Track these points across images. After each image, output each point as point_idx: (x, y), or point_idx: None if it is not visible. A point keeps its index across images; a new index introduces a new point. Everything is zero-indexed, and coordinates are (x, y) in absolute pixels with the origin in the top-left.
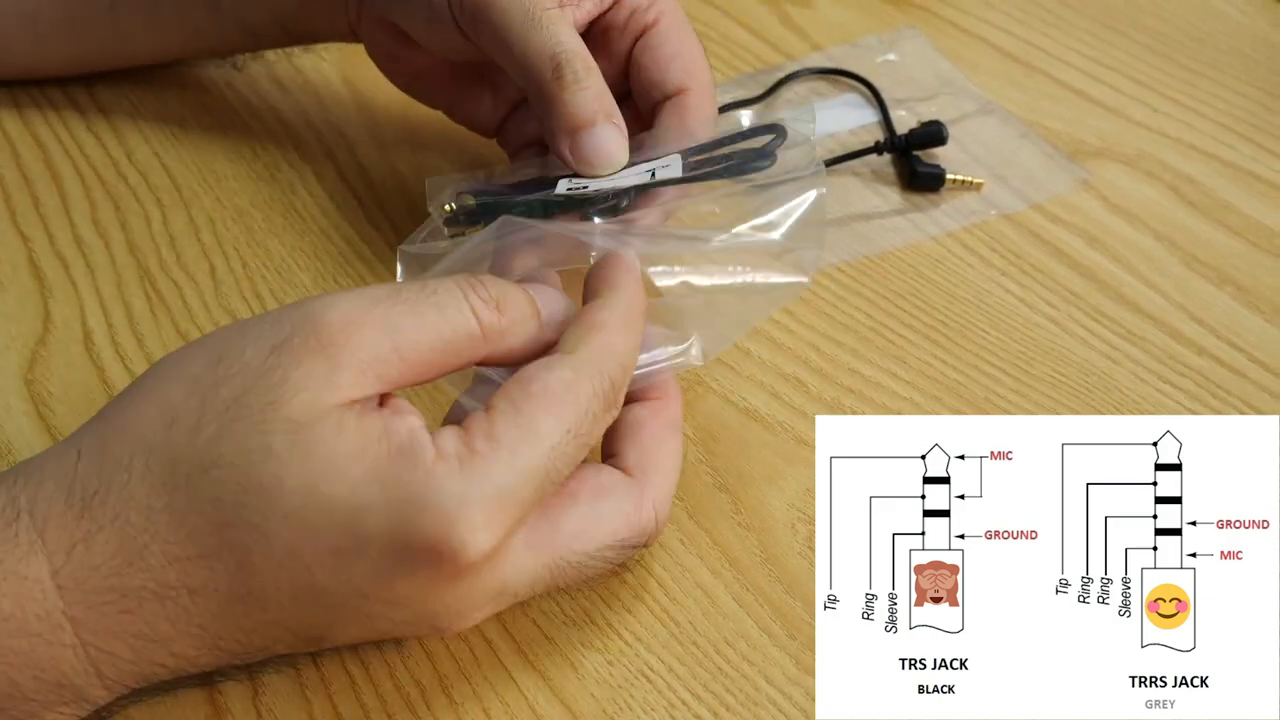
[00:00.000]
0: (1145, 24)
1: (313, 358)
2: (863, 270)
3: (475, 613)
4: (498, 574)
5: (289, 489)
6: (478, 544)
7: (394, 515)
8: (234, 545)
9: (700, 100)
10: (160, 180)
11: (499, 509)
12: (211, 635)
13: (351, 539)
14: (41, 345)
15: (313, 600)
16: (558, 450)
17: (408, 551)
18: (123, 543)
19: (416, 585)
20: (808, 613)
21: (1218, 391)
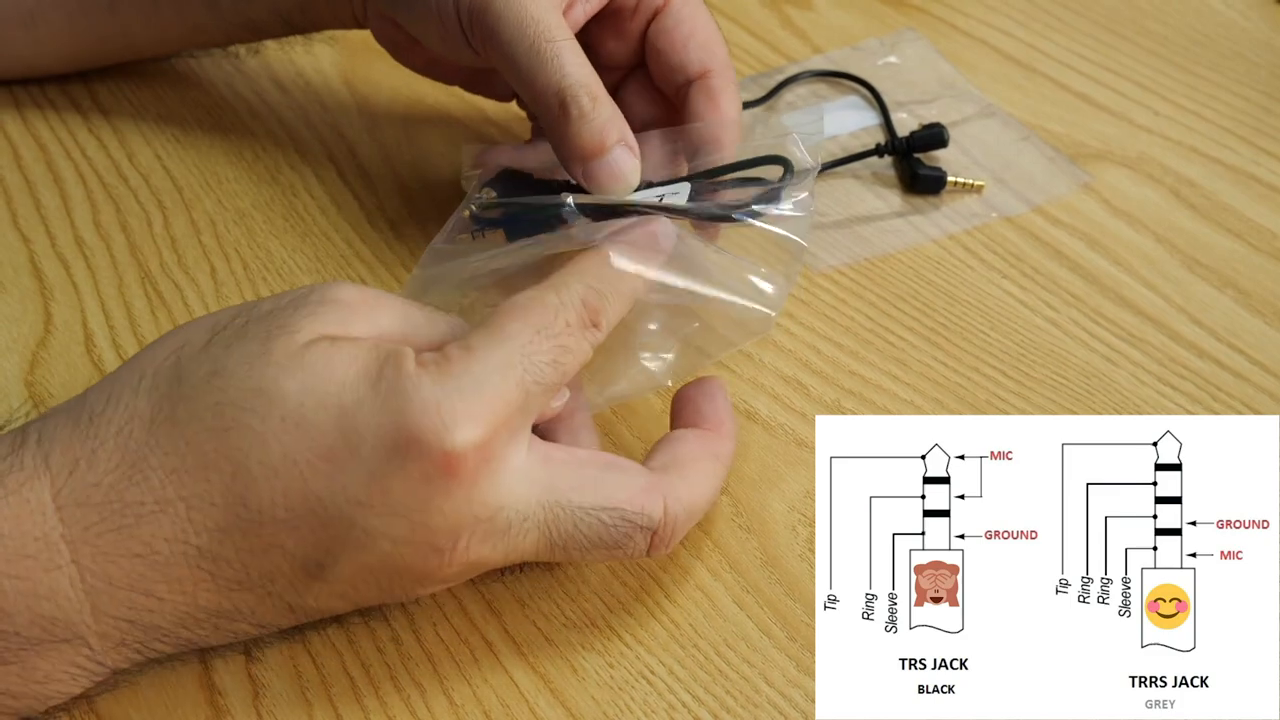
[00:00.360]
0: (1147, 27)
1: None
2: (863, 273)
3: (470, 536)
4: (491, 490)
5: (287, 391)
6: (463, 435)
7: (382, 410)
8: (231, 452)
9: (724, 82)
10: (161, 182)
11: (478, 402)
12: (209, 560)
13: (344, 438)
14: (43, 347)
15: (309, 513)
16: (530, 347)
17: (397, 446)
18: (124, 455)
19: (409, 486)
20: (808, 615)
21: (1218, 394)
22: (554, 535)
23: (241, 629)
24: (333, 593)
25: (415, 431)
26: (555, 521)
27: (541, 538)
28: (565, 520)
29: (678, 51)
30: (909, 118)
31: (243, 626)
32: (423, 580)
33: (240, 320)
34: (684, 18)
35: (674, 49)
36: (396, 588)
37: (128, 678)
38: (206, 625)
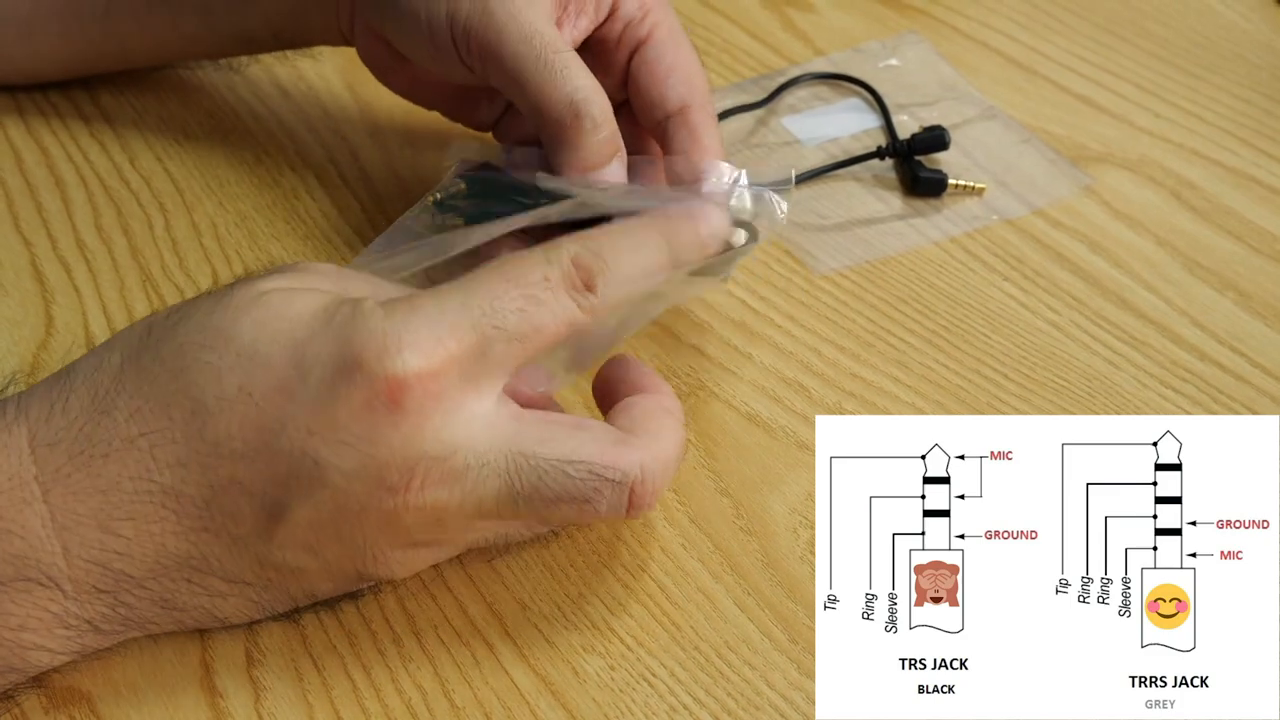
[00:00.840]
0: (1148, 29)
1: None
2: (865, 275)
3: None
4: (445, 427)
5: (243, 327)
6: (406, 361)
7: (331, 339)
8: (190, 388)
9: (703, 116)
10: (163, 185)
11: (428, 334)
12: (172, 497)
13: (295, 368)
14: (44, 350)
15: (263, 445)
16: (496, 291)
17: (340, 370)
18: (92, 399)
19: (354, 412)
20: (809, 617)
21: (1219, 396)
22: (517, 485)
23: (214, 585)
24: (296, 541)
25: (358, 356)
26: (519, 471)
27: (503, 486)
28: (529, 471)
29: (658, 85)
30: (910, 120)
31: (214, 582)
32: (385, 529)
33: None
34: (665, 51)
35: (655, 83)
36: (359, 538)
37: (126, 677)
38: (177, 577)
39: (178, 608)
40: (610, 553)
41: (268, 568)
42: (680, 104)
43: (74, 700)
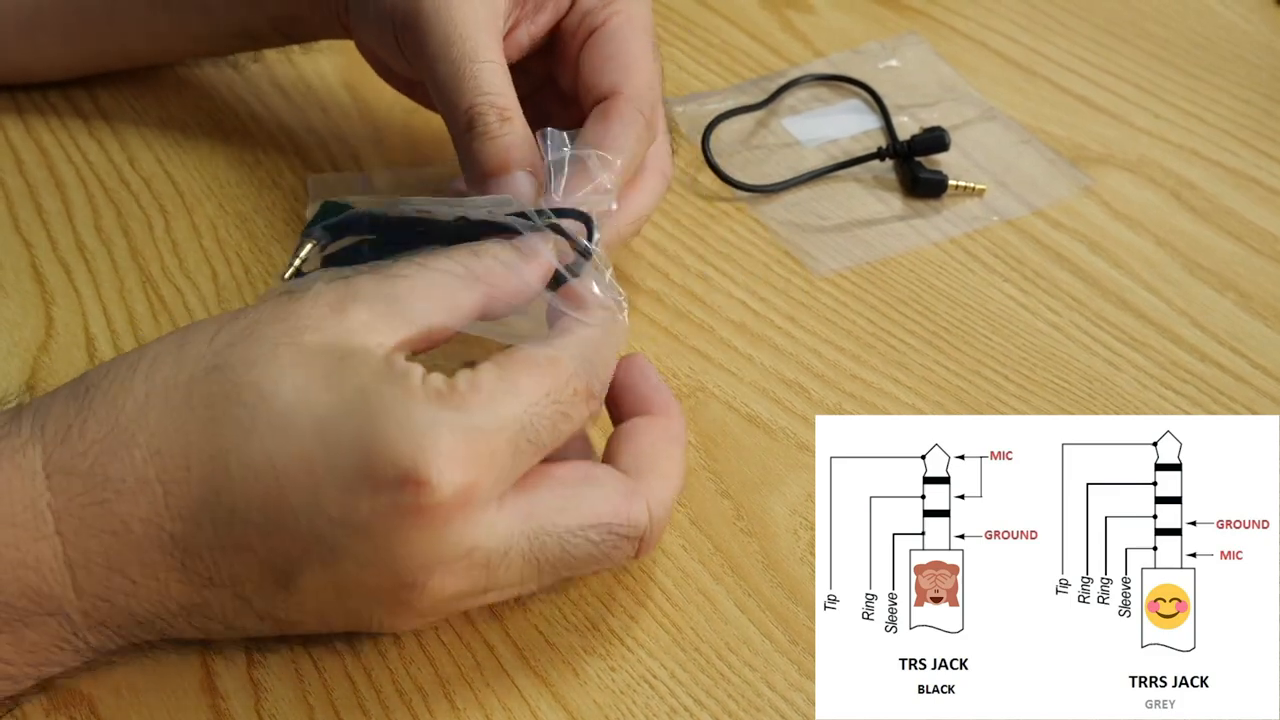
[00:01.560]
0: (1148, 30)
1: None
2: (865, 276)
3: (444, 574)
4: (468, 530)
5: (282, 390)
6: (441, 474)
7: (367, 428)
8: (215, 445)
9: (626, 107)
10: (163, 186)
11: (468, 445)
12: (180, 549)
13: (324, 448)
14: (44, 351)
15: (279, 521)
16: (536, 409)
17: (373, 469)
18: (113, 427)
19: (378, 511)
20: (809, 618)
21: (1219, 397)
22: (541, 561)
23: (215, 628)
24: (301, 607)
25: (393, 457)
26: (541, 549)
27: (528, 566)
28: (551, 545)
29: (593, 69)
30: (910, 121)
31: (216, 626)
32: (395, 612)
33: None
34: (614, 38)
35: (591, 66)
36: (365, 614)
37: (127, 679)
38: (180, 619)
39: (177, 636)
40: None
41: (268, 620)
42: (610, 89)
43: (75, 702)
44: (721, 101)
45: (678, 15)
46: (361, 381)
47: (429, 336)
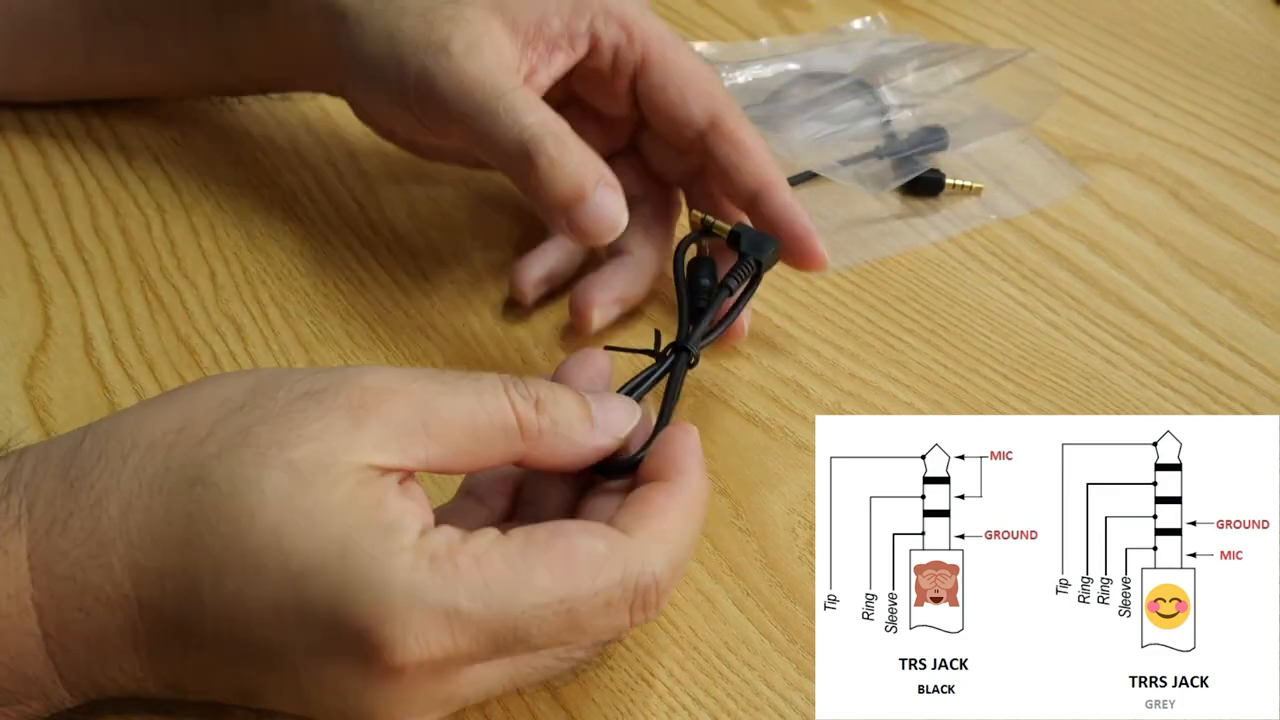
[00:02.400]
0: (1147, 30)
1: (338, 413)
2: (863, 275)
3: (418, 716)
4: (439, 688)
5: (258, 528)
6: (406, 649)
7: (340, 587)
8: (189, 570)
9: (738, 121)
10: (160, 185)
11: (444, 625)
12: (153, 660)
13: (294, 599)
14: (42, 351)
15: (246, 657)
16: (540, 610)
17: (338, 632)
18: (94, 532)
19: (344, 673)
20: (808, 617)
21: (1218, 396)
22: (523, 683)
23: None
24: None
25: (360, 627)
26: (523, 679)
27: (509, 687)
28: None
29: (678, 107)
30: (908, 119)
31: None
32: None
33: (245, 419)
34: (671, 70)
35: (673, 105)
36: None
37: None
38: (157, 695)
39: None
40: None
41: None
42: (709, 117)
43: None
44: None
45: (677, 15)
46: (345, 531)
47: (448, 467)
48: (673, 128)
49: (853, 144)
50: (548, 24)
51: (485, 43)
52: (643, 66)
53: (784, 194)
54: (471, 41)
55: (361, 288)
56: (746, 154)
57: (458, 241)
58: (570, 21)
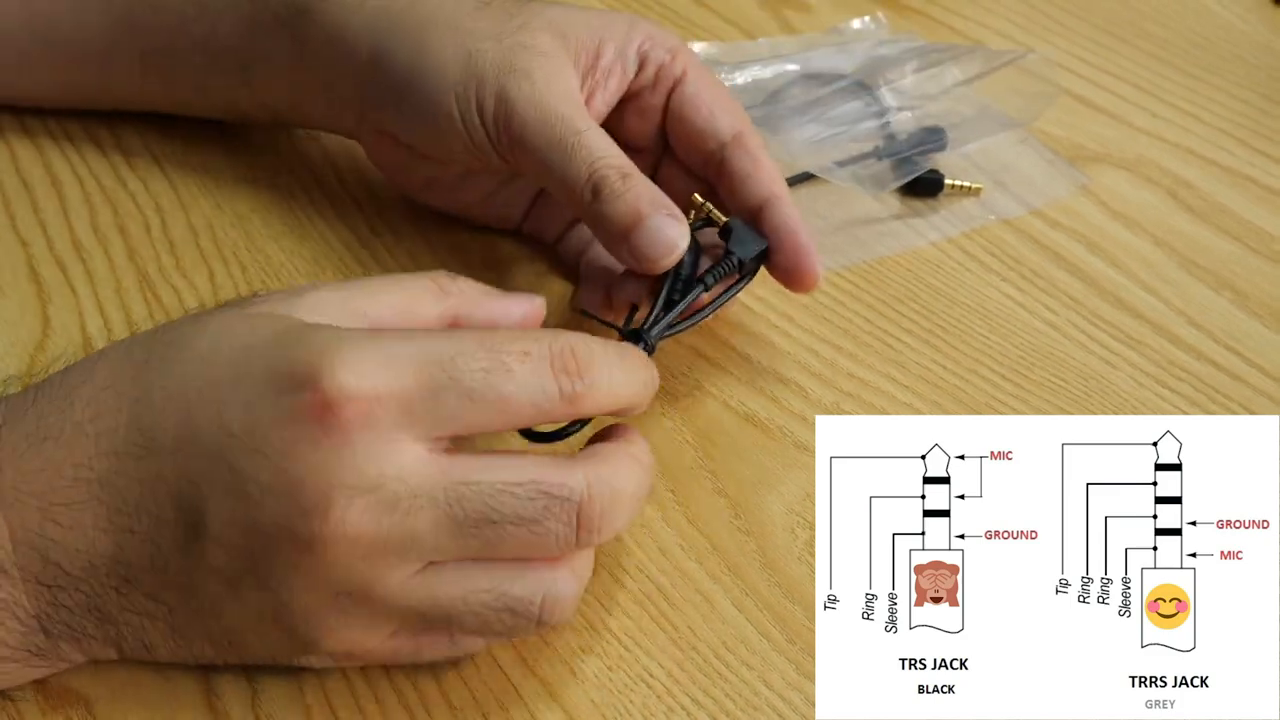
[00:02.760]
0: (1146, 30)
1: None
2: (862, 275)
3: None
4: (371, 453)
5: (209, 333)
6: (335, 375)
7: (274, 349)
8: (143, 381)
9: (757, 141)
10: (159, 185)
11: (374, 359)
12: (104, 488)
13: (233, 371)
14: (40, 351)
15: (187, 441)
16: (463, 350)
17: (275, 377)
18: (60, 387)
19: (277, 421)
20: (807, 617)
21: (1216, 396)
22: (458, 513)
23: (139, 601)
24: (214, 566)
25: (294, 365)
26: (460, 500)
27: (443, 516)
28: (472, 498)
29: (705, 118)
30: (907, 120)
31: (139, 598)
32: (302, 567)
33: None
34: (704, 86)
35: (701, 116)
36: (276, 577)
37: (125, 679)
38: (106, 583)
39: (110, 622)
40: (608, 554)
41: (188, 594)
42: (734, 131)
43: (71, 702)
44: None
45: (676, 15)
46: (289, 324)
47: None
48: (697, 138)
49: (852, 145)
50: (604, 51)
51: (561, 74)
52: (680, 81)
53: (790, 208)
54: (552, 72)
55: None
56: (760, 166)
57: (458, 243)
58: (623, 47)
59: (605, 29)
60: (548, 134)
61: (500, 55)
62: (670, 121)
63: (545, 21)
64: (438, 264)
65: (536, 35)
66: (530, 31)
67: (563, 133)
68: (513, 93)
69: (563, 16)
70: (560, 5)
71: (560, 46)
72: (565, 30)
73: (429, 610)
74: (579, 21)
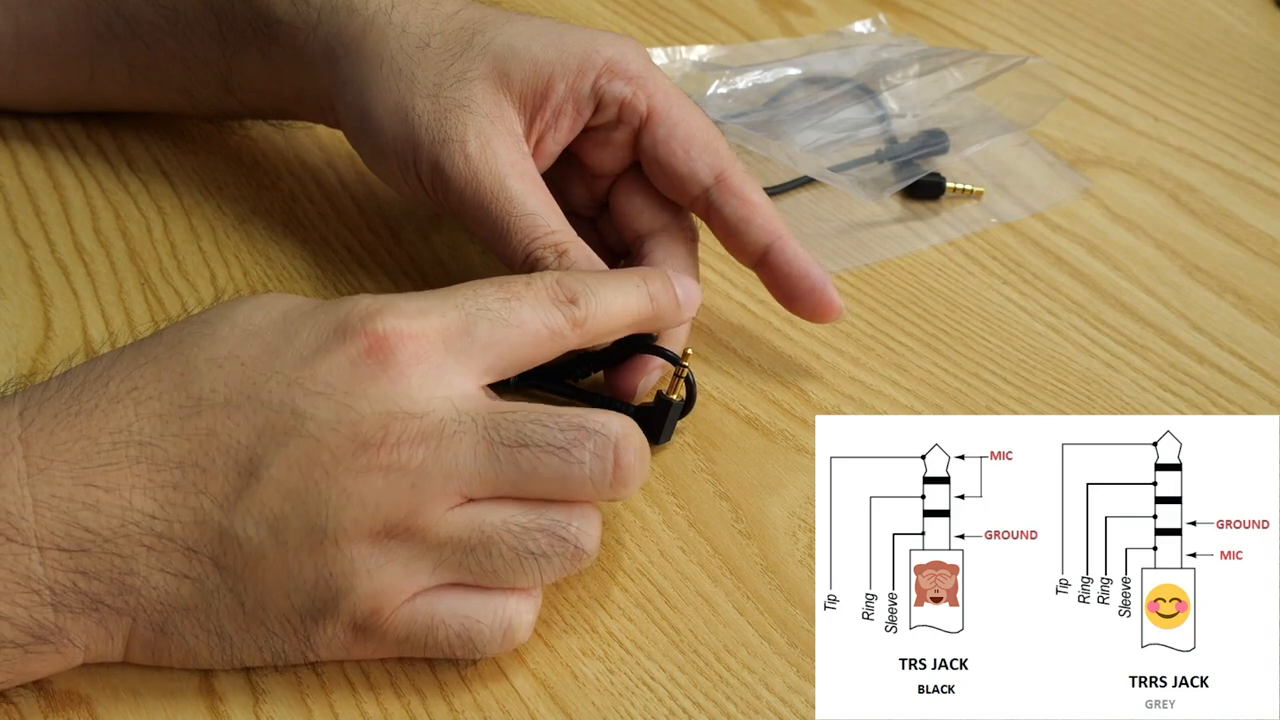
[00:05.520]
0: (1147, 33)
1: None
2: (863, 278)
3: (401, 434)
4: (422, 388)
5: (242, 309)
6: (387, 319)
7: (322, 312)
8: (182, 353)
9: (742, 178)
10: (161, 188)
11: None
12: (146, 449)
13: (283, 334)
14: (42, 353)
15: (244, 397)
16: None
17: (328, 332)
18: (89, 373)
19: (336, 365)
20: (808, 620)
21: (1218, 400)
22: (495, 437)
23: (173, 560)
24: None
25: (346, 318)
26: (496, 426)
27: (481, 442)
28: (508, 425)
29: (683, 163)
30: (909, 123)
31: (175, 557)
32: (355, 494)
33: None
34: (675, 122)
35: (677, 159)
36: (326, 511)
37: (126, 681)
38: (138, 542)
39: (132, 591)
40: (609, 557)
41: (229, 545)
42: (715, 173)
43: (73, 704)
44: (721, 104)
45: (676, 18)
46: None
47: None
48: (679, 184)
49: (853, 149)
50: (553, 90)
51: (499, 140)
52: (647, 121)
53: (794, 246)
54: (486, 138)
55: (361, 290)
56: (755, 209)
57: (458, 244)
58: (575, 84)
59: (557, 63)
60: (483, 212)
61: (435, 119)
62: (646, 164)
63: (487, 66)
64: (438, 266)
65: (474, 88)
66: (468, 85)
67: (497, 213)
68: (446, 166)
69: (508, 52)
70: (515, 28)
71: (501, 95)
72: (509, 71)
73: (470, 536)
74: (527, 58)
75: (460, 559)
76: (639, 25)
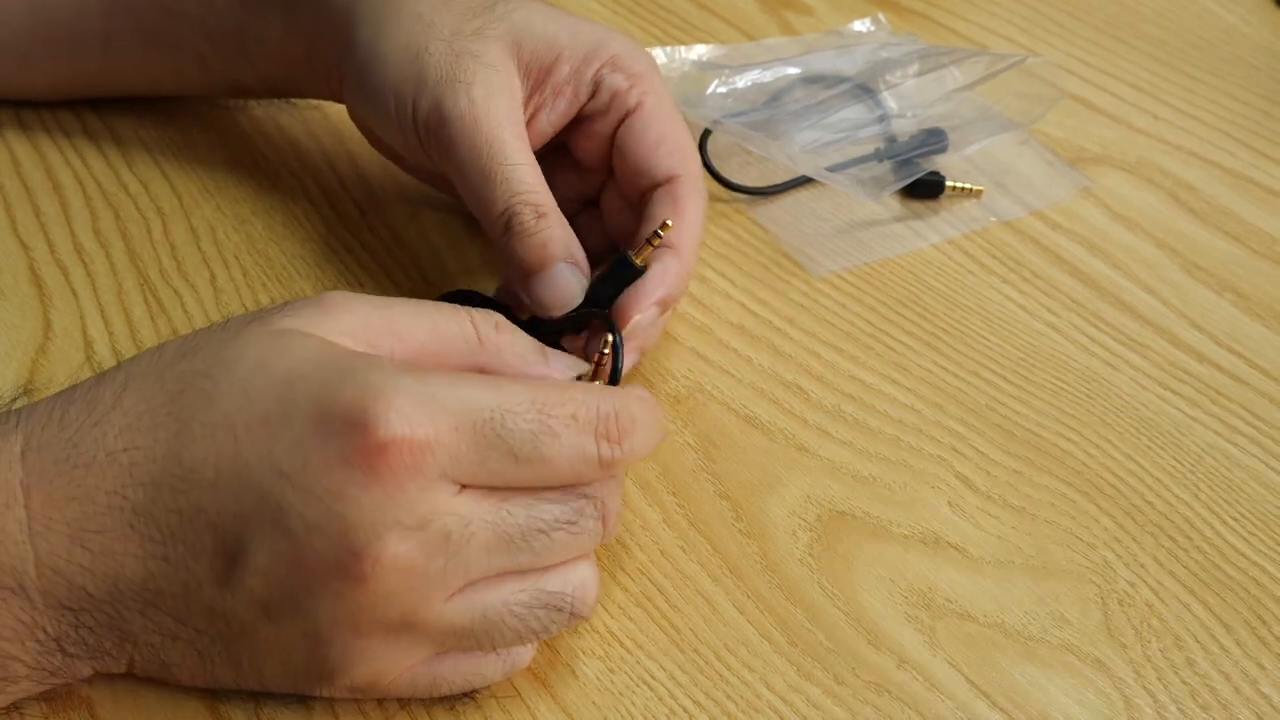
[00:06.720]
0: (1147, 32)
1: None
2: (863, 277)
3: (397, 542)
4: (421, 497)
5: (247, 361)
6: (389, 424)
7: (323, 383)
8: (180, 411)
9: (691, 190)
10: (161, 188)
11: (422, 407)
12: (139, 517)
13: (281, 406)
14: (42, 354)
15: (233, 476)
16: (513, 409)
17: (325, 418)
18: (89, 413)
19: (327, 463)
20: (809, 620)
21: (1218, 398)
22: (507, 530)
23: (165, 622)
24: (251, 594)
25: (345, 407)
26: (506, 517)
27: (493, 536)
28: (518, 511)
29: (644, 155)
30: (908, 122)
31: (165, 619)
32: (346, 601)
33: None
34: (655, 121)
35: (642, 151)
36: (317, 608)
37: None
38: (132, 605)
39: (129, 640)
40: (609, 556)
41: (218, 619)
42: (669, 174)
43: (74, 706)
44: (720, 103)
45: (676, 17)
46: (329, 353)
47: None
48: (632, 174)
49: (853, 148)
50: (558, 69)
51: (502, 94)
52: (633, 113)
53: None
54: (492, 90)
55: (362, 291)
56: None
57: (458, 245)
58: (579, 69)
59: (568, 45)
60: (474, 156)
61: (446, 61)
62: (615, 151)
63: (504, 29)
64: (437, 266)
65: (488, 45)
66: (483, 39)
67: (489, 159)
68: (448, 105)
69: (526, 24)
70: (534, 8)
71: (510, 59)
72: (522, 40)
73: (472, 624)
74: (541, 33)
75: (461, 641)
76: (639, 25)
